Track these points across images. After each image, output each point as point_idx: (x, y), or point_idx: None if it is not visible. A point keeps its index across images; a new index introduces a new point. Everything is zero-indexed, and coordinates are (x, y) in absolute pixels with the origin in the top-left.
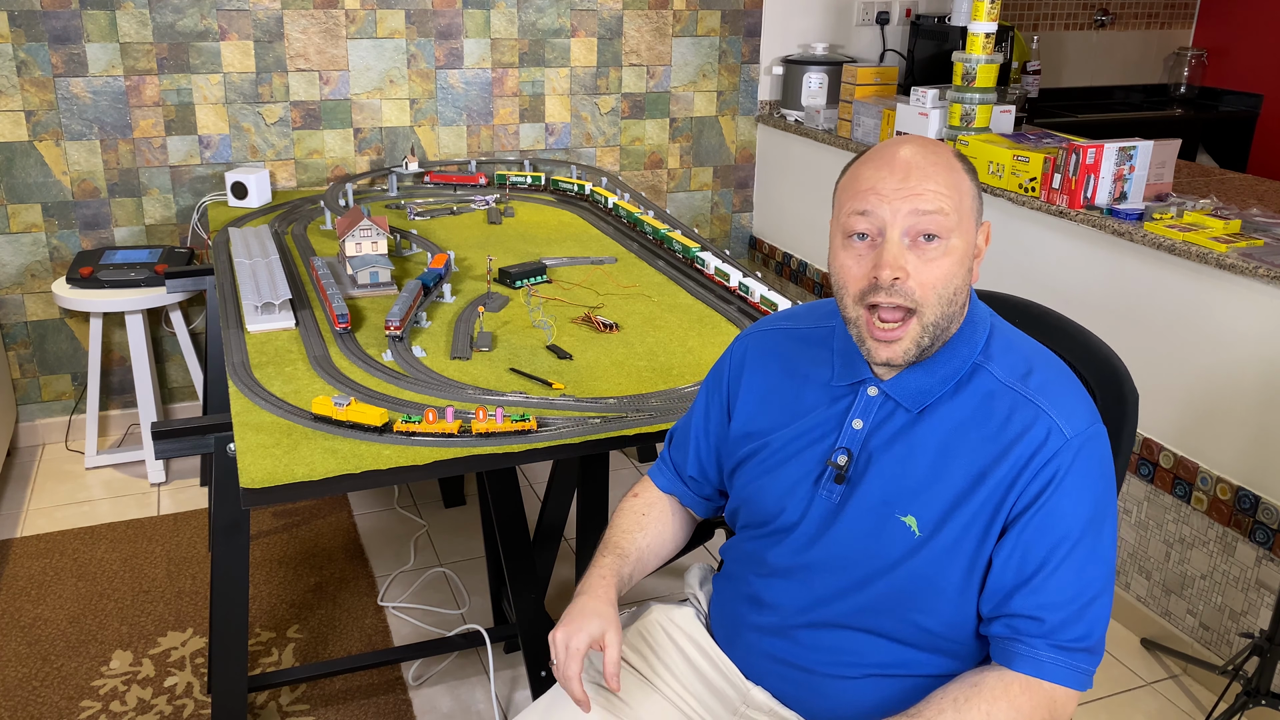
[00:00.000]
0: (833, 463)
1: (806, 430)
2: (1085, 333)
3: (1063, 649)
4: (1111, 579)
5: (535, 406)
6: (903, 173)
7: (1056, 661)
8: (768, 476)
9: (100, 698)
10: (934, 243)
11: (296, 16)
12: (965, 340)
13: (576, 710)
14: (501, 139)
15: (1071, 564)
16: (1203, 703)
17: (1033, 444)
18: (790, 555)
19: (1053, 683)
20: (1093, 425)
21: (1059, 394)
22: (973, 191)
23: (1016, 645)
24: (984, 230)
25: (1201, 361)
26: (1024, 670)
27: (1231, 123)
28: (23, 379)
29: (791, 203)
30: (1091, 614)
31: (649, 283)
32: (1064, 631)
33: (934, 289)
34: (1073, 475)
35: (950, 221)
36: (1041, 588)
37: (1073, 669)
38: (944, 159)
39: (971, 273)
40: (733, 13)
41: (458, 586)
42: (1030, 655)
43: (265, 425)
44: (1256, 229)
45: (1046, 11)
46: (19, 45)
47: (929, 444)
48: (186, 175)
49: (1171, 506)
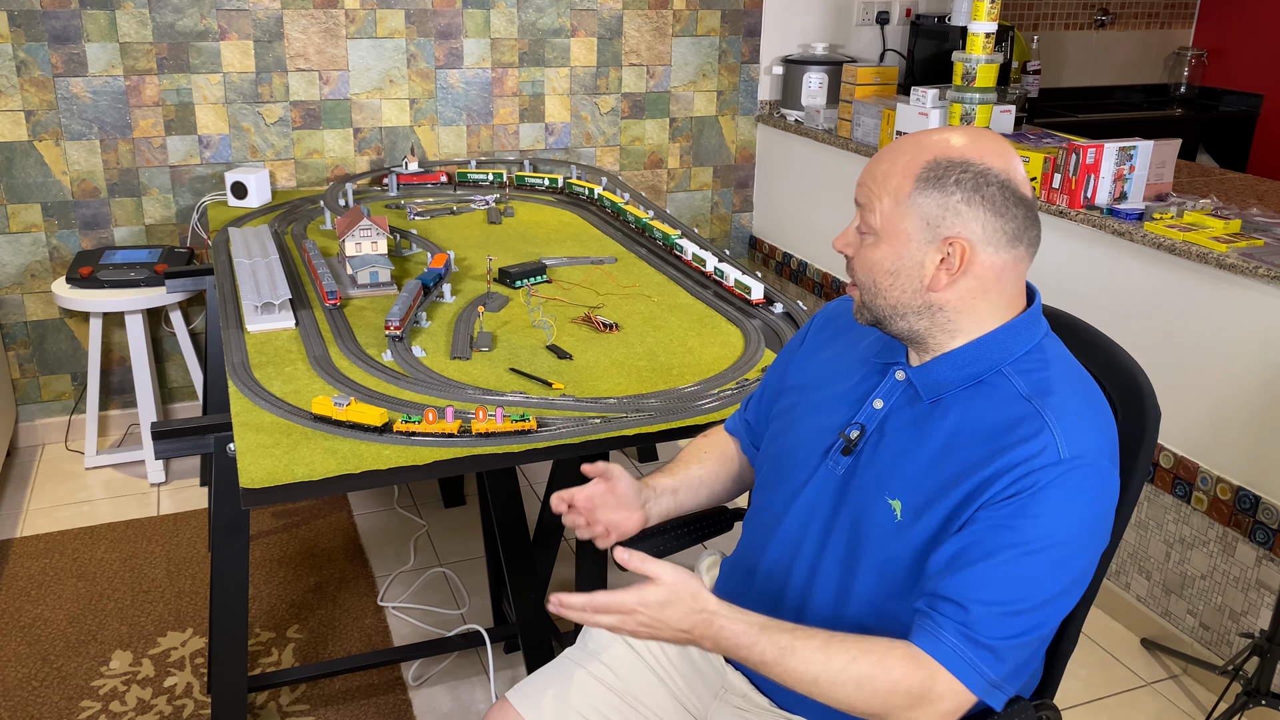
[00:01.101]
0: (845, 435)
1: (837, 397)
2: (1112, 344)
3: (968, 640)
4: (1056, 615)
5: (535, 406)
6: (874, 162)
7: (955, 648)
8: (790, 431)
9: (100, 698)
10: (865, 235)
11: (296, 16)
12: (999, 345)
13: (573, 680)
14: (501, 139)
15: (1019, 570)
16: (1203, 703)
17: (1026, 453)
18: (788, 523)
19: (940, 664)
20: (1099, 460)
21: (1074, 418)
22: (915, 201)
23: (926, 620)
24: (956, 249)
25: (1201, 361)
26: (918, 642)
27: (1231, 123)
28: (23, 379)
29: (791, 203)
30: (1014, 625)
31: (649, 283)
32: (978, 626)
33: (863, 273)
34: (1056, 491)
35: (873, 220)
36: (978, 580)
37: (967, 662)
38: (904, 161)
39: (919, 281)
40: (733, 13)
41: (458, 586)
42: (932, 631)
43: (265, 425)
44: (1256, 229)
45: (1046, 11)
46: (19, 45)
47: (936, 436)
48: (186, 175)
49: (1171, 506)
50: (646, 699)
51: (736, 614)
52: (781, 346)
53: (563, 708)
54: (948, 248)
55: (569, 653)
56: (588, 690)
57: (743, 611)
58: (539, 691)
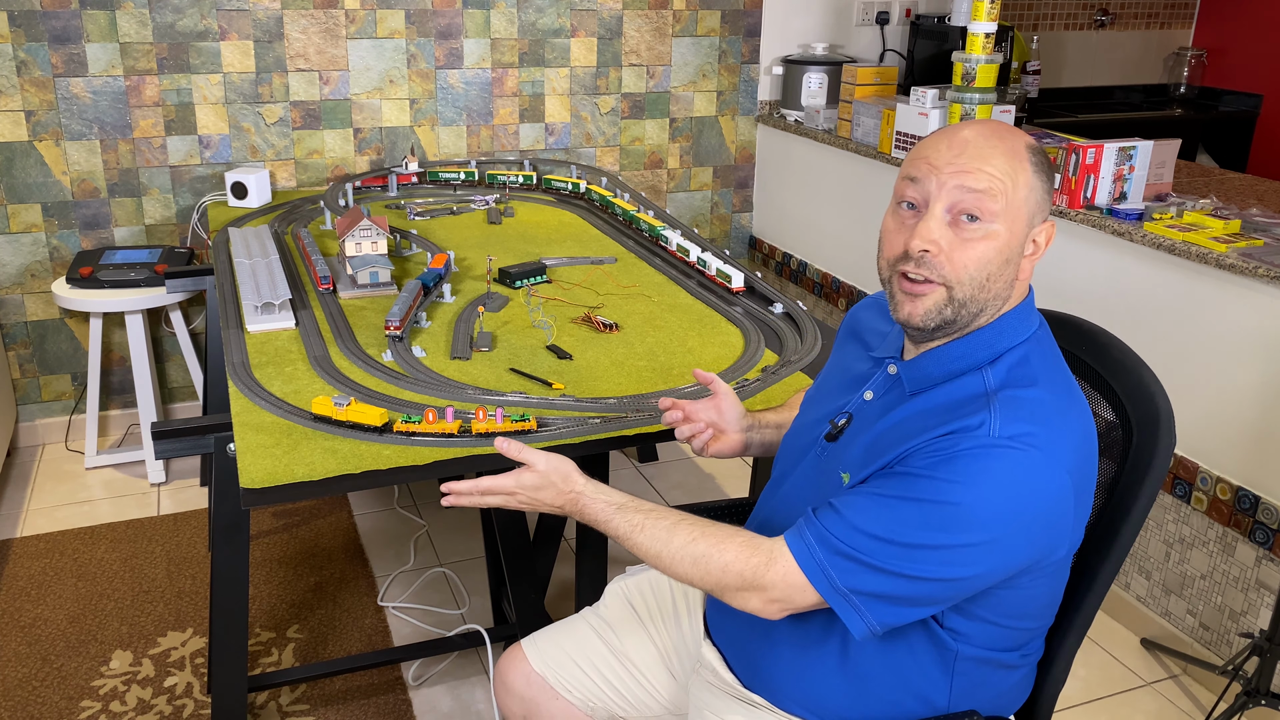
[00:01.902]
0: (833, 423)
1: (836, 391)
2: (1142, 366)
3: (825, 543)
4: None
5: (535, 406)
6: (959, 148)
7: (808, 543)
8: (797, 421)
9: (100, 698)
10: (975, 224)
11: (296, 16)
12: (985, 343)
13: (581, 630)
14: (501, 139)
15: (902, 512)
16: (1203, 703)
17: (957, 426)
18: (777, 509)
19: (782, 551)
20: (1042, 454)
21: (1028, 414)
22: (1032, 184)
23: (800, 521)
24: (1045, 229)
25: (1201, 361)
26: (785, 537)
27: (1231, 123)
28: (23, 379)
29: (791, 203)
30: (879, 552)
31: (649, 283)
32: (841, 537)
33: (965, 269)
34: (971, 461)
35: (995, 205)
36: (861, 506)
37: (814, 557)
38: (1008, 145)
39: (1017, 268)
40: (733, 13)
41: (458, 586)
42: (798, 528)
43: (265, 425)
44: (1256, 229)
45: (1046, 11)
46: (19, 45)
47: (894, 417)
48: (186, 175)
49: (1171, 506)
50: (638, 660)
51: (599, 493)
52: (783, 347)
53: (562, 658)
54: (1041, 233)
55: (585, 610)
56: (588, 644)
57: (608, 491)
58: (547, 639)
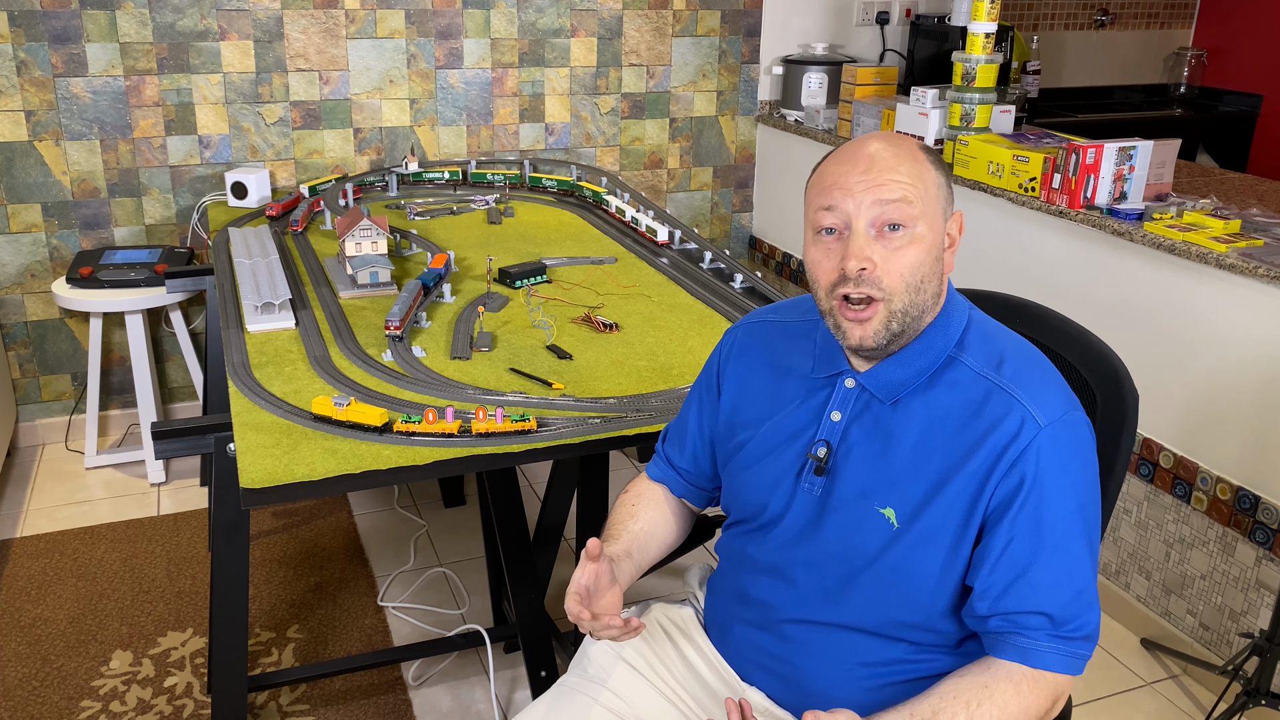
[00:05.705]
0: (813, 455)
1: (788, 422)
2: (1085, 333)
3: (1062, 639)
4: (1096, 561)
5: (535, 406)
6: (865, 165)
7: (1058, 651)
8: (752, 469)
9: (100, 698)
10: (899, 232)
11: (296, 16)
12: (940, 333)
13: (578, 708)
14: (501, 139)
15: (1062, 556)
16: (1203, 703)
17: (1007, 434)
18: (775, 551)
19: (1055, 673)
20: (1069, 411)
21: (1032, 381)
22: (939, 181)
23: (1017, 639)
24: (955, 220)
25: (1201, 361)
26: (1028, 663)
27: (1231, 123)
28: (23, 379)
29: (791, 203)
30: (1084, 601)
31: (649, 283)
32: (1063, 623)
33: (901, 277)
34: (1052, 465)
35: (914, 210)
36: (1036, 583)
37: (1072, 656)
38: (907, 150)
39: (943, 262)
40: (733, 13)
41: (458, 586)
42: (1033, 649)
43: (265, 425)
44: (1256, 229)
45: (1046, 11)
46: (19, 45)
47: (906, 436)
48: (186, 175)
49: (1171, 506)
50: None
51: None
52: None
53: None
54: (954, 224)
55: (568, 680)
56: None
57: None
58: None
